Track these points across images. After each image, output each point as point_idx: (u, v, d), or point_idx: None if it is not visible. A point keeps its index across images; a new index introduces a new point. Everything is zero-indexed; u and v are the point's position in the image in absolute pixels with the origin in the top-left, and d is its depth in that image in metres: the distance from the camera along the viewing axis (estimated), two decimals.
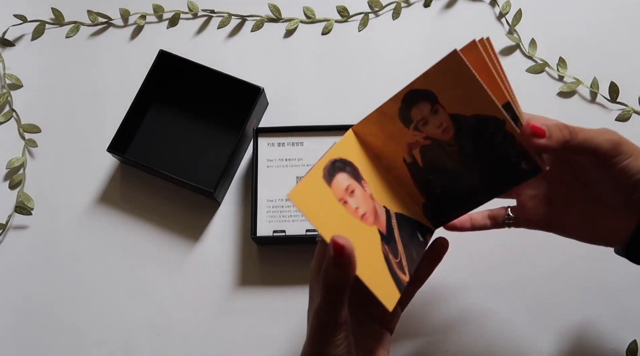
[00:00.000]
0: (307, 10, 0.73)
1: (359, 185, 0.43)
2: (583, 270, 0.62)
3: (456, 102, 0.42)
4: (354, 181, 0.43)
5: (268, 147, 0.65)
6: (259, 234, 0.62)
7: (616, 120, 0.66)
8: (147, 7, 0.74)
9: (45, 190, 0.68)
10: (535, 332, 0.61)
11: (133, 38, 0.73)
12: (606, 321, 0.60)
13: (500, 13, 0.72)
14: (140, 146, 0.68)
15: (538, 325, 0.61)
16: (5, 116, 0.71)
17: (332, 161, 0.42)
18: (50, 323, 0.64)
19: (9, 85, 0.72)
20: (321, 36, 0.72)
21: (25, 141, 0.70)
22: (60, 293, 0.64)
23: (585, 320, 0.61)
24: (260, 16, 0.73)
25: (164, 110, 0.69)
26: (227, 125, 0.68)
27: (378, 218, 0.44)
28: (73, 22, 0.74)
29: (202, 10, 0.73)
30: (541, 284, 0.62)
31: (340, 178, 0.42)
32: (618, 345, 0.60)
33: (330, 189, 0.41)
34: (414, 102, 0.43)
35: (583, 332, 0.60)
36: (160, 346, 0.62)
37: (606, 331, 0.60)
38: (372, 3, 0.72)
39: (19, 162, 0.68)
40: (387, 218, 0.45)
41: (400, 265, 0.44)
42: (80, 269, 0.65)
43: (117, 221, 0.66)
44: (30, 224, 0.67)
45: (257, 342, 0.61)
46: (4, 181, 0.69)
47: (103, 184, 0.68)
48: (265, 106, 0.69)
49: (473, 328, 0.61)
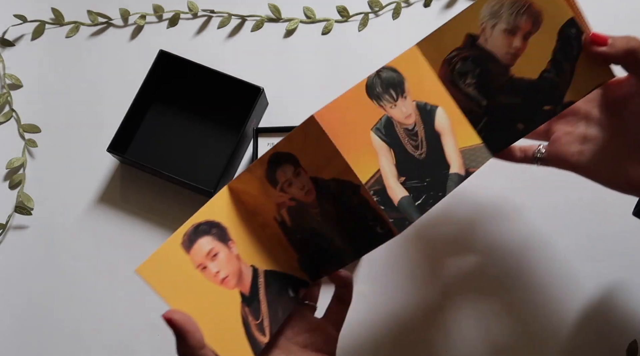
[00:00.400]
0: (307, 10, 0.72)
1: (224, 247, 0.44)
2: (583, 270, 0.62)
3: (315, 165, 0.42)
4: (219, 243, 0.44)
5: (268, 147, 0.65)
6: None
7: None
8: (147, 7, 0.74)
9: (45, 190, 0.68)
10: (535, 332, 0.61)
11: (133, 38, 0.73)
12: (606, 321, 0.61)
13: None
14: (140, 146, 0.68)
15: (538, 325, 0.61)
16: (5, 116, 0.71)
17: (196, 225, 0.43)
18: (50, 323, 0.64)
19: (9, 85, 0.72)
20: (321, 36, 0.72)
21: (25, 141, 0.70)
22: (60, 293, 0.64)
23: (585, 320, 0.61)
24: (260, 16, 0.73)
25: (164, 110, 0.69)
26: (227, 125, 0.68)
27: (242, 279, 0.44)
28: (73, 22, 0.74)
29: (202, 10, 0.73)
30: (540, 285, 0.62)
31: (202, 242, 0.43)
32: (618, 345, 0.60)
33: (188, 256, 0.42)
34: (279, 165, 0.44)
35: (583, 332, 0.60)
36: (160, 346, 0.62)
37: (606, 331, 0.60)
38: (372, 3, 0.72)
39: (19, 162, 0.68)
40: (253, 277, 0.45)
41: (260, 327, 0.44)
42: (80, 269, 0.65)
43: (117, 221, 0.66)
44: (30, 224, 0.67)
45: None
46: (4, 181, 0.69)
47: (103, 184, 0.68)
48: (265, 106, 0.69)
49: (473, 328, 0.61)
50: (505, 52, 0.45)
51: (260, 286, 0.45)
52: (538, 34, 0.45)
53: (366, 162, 0.41)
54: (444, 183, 0.44)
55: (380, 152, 0.42)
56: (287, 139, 0.42)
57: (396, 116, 0.43)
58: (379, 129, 0.43)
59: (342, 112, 0.41)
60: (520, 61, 0.45)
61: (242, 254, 0.45)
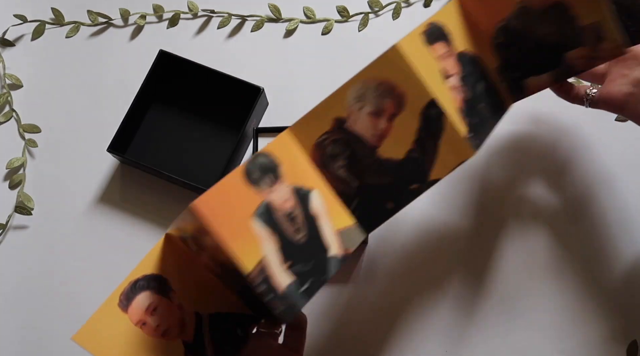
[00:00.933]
0: (307, 10, 0.72)
1: (164, 299, 0.45)
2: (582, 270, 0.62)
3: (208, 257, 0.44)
4: (158, 296, 0.45)
5: None
6: None
7: (616, 120, 0.66)
8: (147, 7, 0.74)
9: (45, 190, 0.68)
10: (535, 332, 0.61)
11: (133, 38, 0.73)
12: (606, 321, 0.61)
13: None
14: (140, 146, 0.68)
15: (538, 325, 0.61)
16: (5, 116, 0.71)
17: (133, 283, 0.44)
18: (50, 322, 0.64)
19: (9, 85, 0.72)
20: (321, 36, 0.72)
21: (25, 141, 0.70)
22: (60, 293, 0.64)
23: (585, 320, 0.61)
24: (260, 16, 0.73)
25: (164, 110, 0.69)
26: (227, 125, 0.68)
27: (185, 328, 0.45)
28: (73, 22, 0.74)
29: (202, 10, 0.73)
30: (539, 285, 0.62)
31: (140, 298, 0.44)
32: (618, 345, 0.60)
33: (126, 315, 0.43)
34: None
35: (583, 332, 0.60)
36: None
37: (606, 331, 0.60)
38: (372, 3, 0.72)
39: (19, 162, 0.68)
40: (197, 324, 0.46)
41: None
42: (80, 269, 0.65)
43: (117, 221, 0.66)
44: (30, 224, 0.67)
45: None
46: (4, 181, 0.69)
47: (103, 184, 0.68)
48: (265, 106, 0.69)
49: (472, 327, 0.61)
50: (372, 134, 0.46)
51: (205, 332, 0.46)
52: (402, 115, 0.46)
53: (249, 250, 0.41)
54: (325, 266, 0.44)
55: (262, 238, 0.42)
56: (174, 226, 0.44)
57: (275, 201, 0.44)
58: (260, 215, 0.43)
59: (221, 200, 0.41)
60: (387, 141, 0.46)
61: (184, 303, 0.46)
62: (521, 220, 0.64)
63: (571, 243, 0.63)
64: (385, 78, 0.45)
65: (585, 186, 0.64)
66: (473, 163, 0.66)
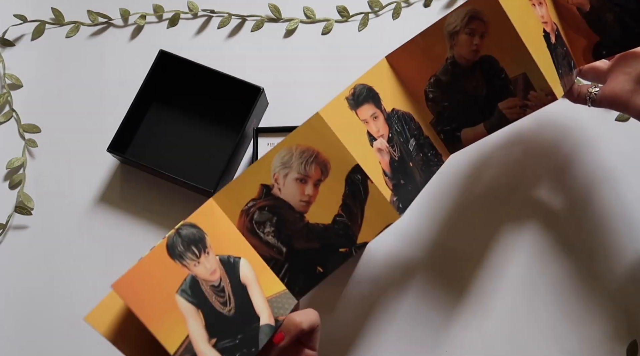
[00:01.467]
0: (307, 10, 0.72)
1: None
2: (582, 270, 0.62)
3: None
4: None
5: (268, 147, 0.65)
6: None
7: (616, 120, 0.66)
8: (147, 7, 0.74)
9: (45, 190, 0.68)
10: (535, 332, 0.61)
11: (133, 38, 0.73)
12: (606, 321, 0.61)
13: None
14: (140, 146, 0.68)
15: (538, 325, 0.61)
16: (5, 116, 0.71)
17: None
18: (50, 323, 0.64)
19: (9, 85, 0.72)
20: (321, 36, 0.72)
21: (25, 141, 0.70)
22: (60, 293, 0.64)
23: (586, 320, 0.61)
24: (260, 16, 0.73)
25: (164, 110, 0.69)
26: (227, 125, 0.68)
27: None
28: (73, 22, 0.74)
29: (202, 10, 0.73)
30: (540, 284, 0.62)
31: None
32: (618, 345, 0.60)
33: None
34: None
35: (583, 332, 0.60)
36: None
37: (606, 331, 0.60)
38: (372, 3, 0.72)
39: (19, 162, 0.68)
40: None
41: None
42: (80, 269, 0.65)
43: (117, 221, 0.66)
44: (30, 224, 0.67)
45: None
46: (4, 181, 0.69)
47: (103, 184, 0.68)
48: (265, 106, 0.69)
49: (473, 327, 0.61)
50: (299, 200, 0.47)
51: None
52: (327, 181, 0.47)
53: (174, 329, 0.40)
54: (255, 337, 0.44)
55: (188, 315, 0.41)
56: None
57: (201, 274, 0.43)
58: (185, 290, 0.42)
59: (143, 278, 0.40)
60: (314, 207, 0.47)
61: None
62: (522, 218, 0.64)
63: (572, 242, 0.63)
64: (309, 145, 0.46)
65: (587, 185, 0.64)
66: (474, 161, 0.66)
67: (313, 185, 0.47)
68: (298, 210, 0.47)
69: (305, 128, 0.46)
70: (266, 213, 0.47)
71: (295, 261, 0.48)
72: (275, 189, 0.47)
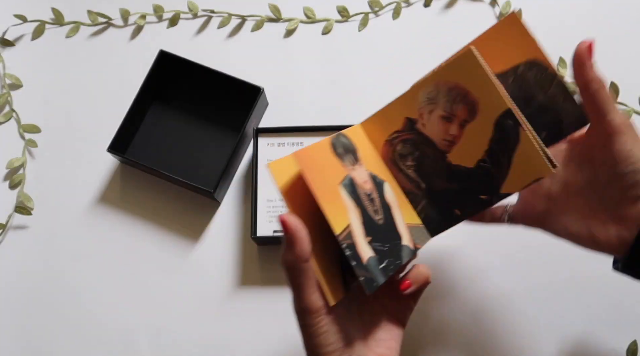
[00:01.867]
0: (307, 10, 0.73)
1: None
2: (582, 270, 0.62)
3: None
4: None
5: (268, 147, 0.65)
6: (259, 234, 0.62)
7: None
8: (147, 7, 0.74)
9: (45, 190, 0.68)
10: (535, 332, 0.61)
11: (133, 38, 0.73)
12: (606, 321, 0.61)
13: (500, 13, 0.72)
14: (140, 146, 0.68)
15: (538, 326, 0.61)
16: (5, 116, 0.71)
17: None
18: (50, 323, 0.64)
19: (9, 85, 0.72)
20: (321, 36, 0.72)
21: (25, 141, 0.70)
22: (60, 293, 0.64)
23: (586, 320, 0.61)
24: (260, 16, 0.73)
25: (164, 110, 0.69)
26: (227, 125, 0.68)
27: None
28: (73, 22, 0.74)
29: (202, 10, 0.73)
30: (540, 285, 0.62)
31: None
32: (618, 345, 0.60)
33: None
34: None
35: (583, 332, 0.60)
36: (160, 346, 0.62)
37: (606, 331, 0.60)
38: (372, 3, 0.72)
39: (19, 162, 0.68)
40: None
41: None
42: (80, 269, 0.65)
43: (117, 221, 0.66)
44: (30, 224, 0.67)
45: (257, 342, 0.61)
46: (4, 181, 0.69)
47: (103, 184, 0.68)
48: (265, 106, 0.69)
49: (472, 327, 0.61)
50: (442, 139, 0.46)
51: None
52: (474, 122, 0.44)
53: (339, 214, 0.41)
54: (399, 252, 0.44)
55: (349, 208, 0.42)
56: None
57: (356, 179, 0.44)
58: (345, 186, 0.43)
59: (317, 158, 0.42)
60: (457, 148, 0.45)
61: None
62: None
63: None
64: (458, 83, 0.44)
65: None
66: None
67: (458, 125, 0.45)
68: (440, 149, 0.46)
69: (455, 64, 0.44)
70: (409, 146, 0.47)
71: (434, 198, 0.47)
72: (419, 124, 0.46)
